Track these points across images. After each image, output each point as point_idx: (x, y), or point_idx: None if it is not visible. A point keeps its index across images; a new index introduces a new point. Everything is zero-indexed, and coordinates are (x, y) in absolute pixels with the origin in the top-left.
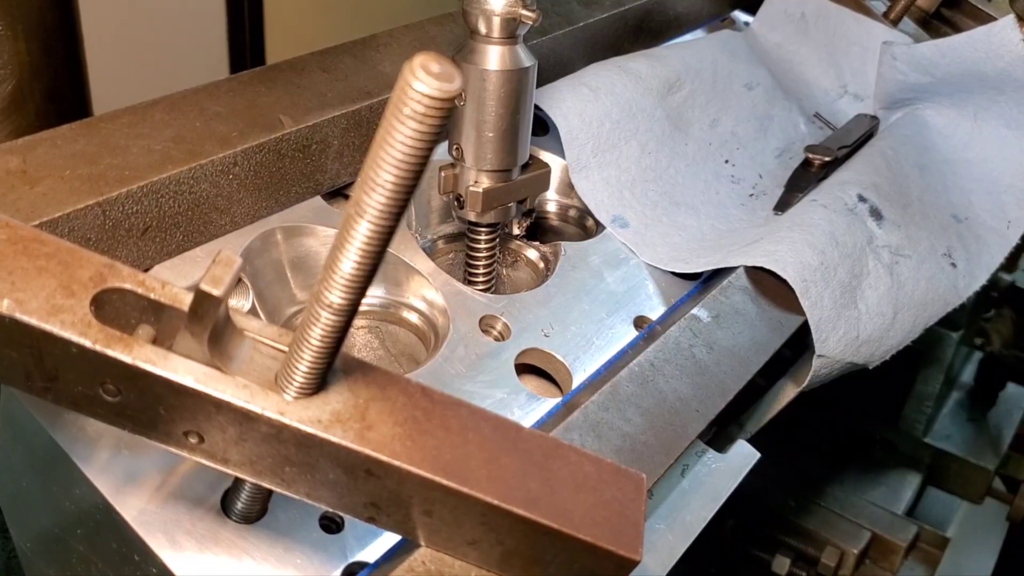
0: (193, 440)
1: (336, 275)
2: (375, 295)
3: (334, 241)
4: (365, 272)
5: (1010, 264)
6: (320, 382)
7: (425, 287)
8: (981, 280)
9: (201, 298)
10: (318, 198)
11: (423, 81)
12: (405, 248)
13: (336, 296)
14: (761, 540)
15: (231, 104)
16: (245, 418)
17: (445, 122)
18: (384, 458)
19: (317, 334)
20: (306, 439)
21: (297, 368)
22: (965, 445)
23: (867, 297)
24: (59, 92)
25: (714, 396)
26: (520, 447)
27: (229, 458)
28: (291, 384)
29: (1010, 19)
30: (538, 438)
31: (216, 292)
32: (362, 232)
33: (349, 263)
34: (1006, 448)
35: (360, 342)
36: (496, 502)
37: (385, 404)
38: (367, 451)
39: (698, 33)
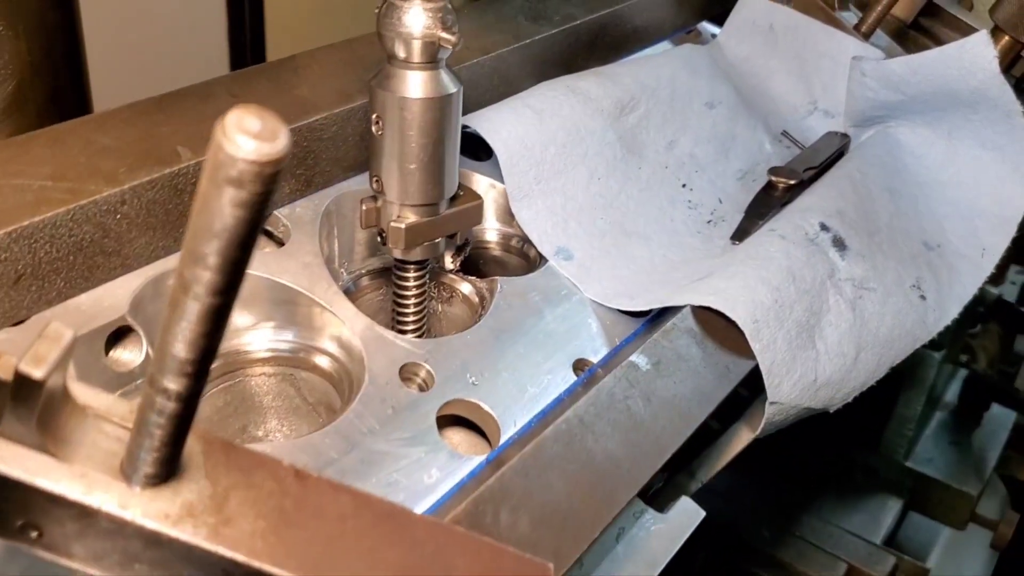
0: (32, 534)
1: (167, 360)
2: (285, 339)
3: (163, 320)
4: (200, 355)
5: (997, 277)
6: (169, 469)
7: (341, 330)
8: (952, 314)
9: (21, 380)
10: None
11: (237, 144)
12: (322, 289)
13: (171, 383)
14: (734, 573)
15: (122, 136)
16: (83, 512)
17: (273, 188)
18: (241, 558)
19: (157, 421)
20: (152, 536)
21: (139, 456)
22: (948, 469)
23: (826, 336)
24: (60, 92)
25: (649, 455)
26: (408, 538)
27: (73, 553)
28: (136, 472)
29: (983, 35)
30: (430, 526)
31: (37, 374)
32: (191, 312)
33: (180, 347)
34: (990, 472)
35: (274, 391)
36: None
37: (248, 493)
38: (221, 551)
39: (662, 47)
